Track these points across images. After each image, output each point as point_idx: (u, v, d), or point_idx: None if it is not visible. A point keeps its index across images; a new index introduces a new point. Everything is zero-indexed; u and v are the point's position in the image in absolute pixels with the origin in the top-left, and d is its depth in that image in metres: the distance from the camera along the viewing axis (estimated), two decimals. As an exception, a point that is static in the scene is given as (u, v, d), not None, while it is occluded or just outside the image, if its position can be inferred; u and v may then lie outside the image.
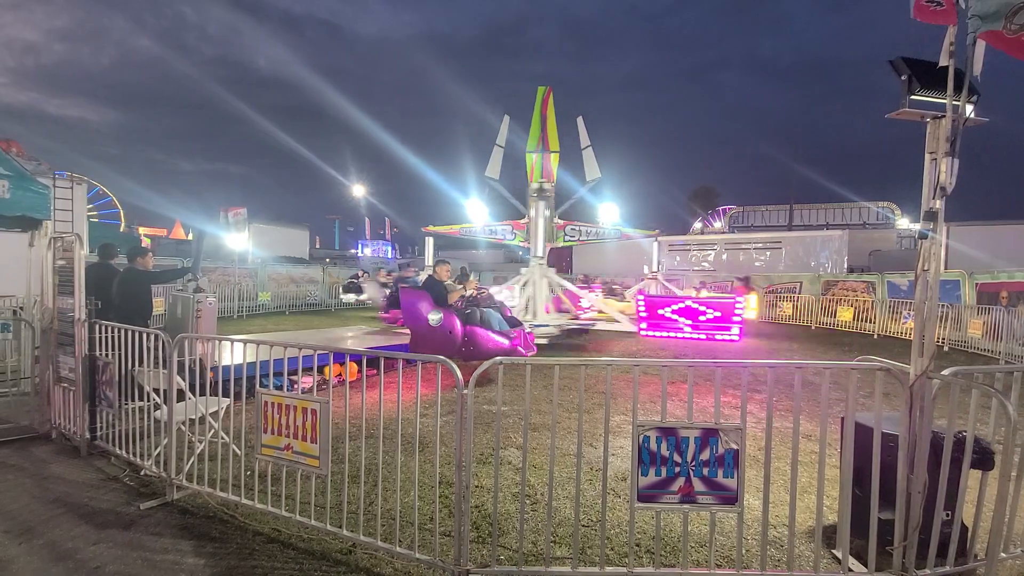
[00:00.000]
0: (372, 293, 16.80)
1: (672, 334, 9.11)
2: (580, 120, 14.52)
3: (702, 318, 8.98)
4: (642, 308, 9.35)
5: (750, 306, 9.14)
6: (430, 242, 17.38)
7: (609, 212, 12.36)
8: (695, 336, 8.99)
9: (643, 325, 9.28)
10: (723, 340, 8.92)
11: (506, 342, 7.22)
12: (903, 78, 2.48)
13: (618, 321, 10.27)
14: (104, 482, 3.79)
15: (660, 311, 9.19)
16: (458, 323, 7.16)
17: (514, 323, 8.01)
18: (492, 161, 14.17)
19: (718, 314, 8.84)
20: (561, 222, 12.87)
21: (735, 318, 8.99)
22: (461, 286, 7.94)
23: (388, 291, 17.34)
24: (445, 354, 2.84)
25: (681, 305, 9.26)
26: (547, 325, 9.81)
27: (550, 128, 14.22)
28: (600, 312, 11.35)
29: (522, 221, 14.12)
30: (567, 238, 14.27)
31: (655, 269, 18.27)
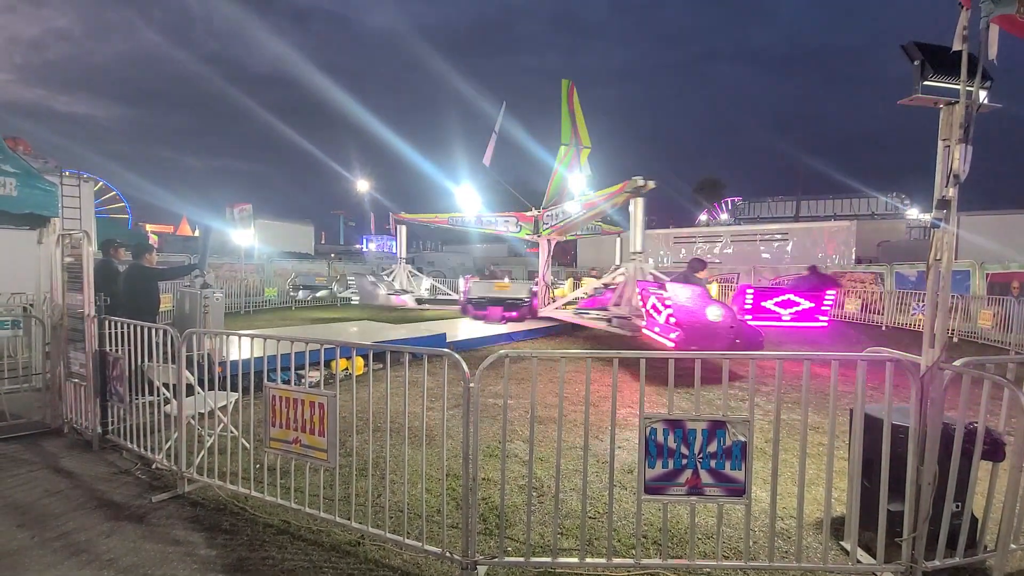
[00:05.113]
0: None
1: (773, 323, 10.12)
2: None
3: (798, 309, 10.09)
4: (749, 300, 10.40)
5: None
6: (403, 231, 17.03)
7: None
8: (792, 325, 10.06)
9: (749, 317, 10.17)
10: (813, 326, 9.88)
11: None
12: (916, 63, 2.43)
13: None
14: (116, 475, 3.84)
15: (764, 303, 10.37)
16: None
17: None
18: (489, 148, 14.06)
19: (811, 305, 9.93)
20: None
21: (824, 307, 10.06)
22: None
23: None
24: None
25: (783, 298, 10.39)
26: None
27: (579, 121, 14.16)
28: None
29: (528, 214, 14.05)
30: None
31: (617, 264, 18.61)
